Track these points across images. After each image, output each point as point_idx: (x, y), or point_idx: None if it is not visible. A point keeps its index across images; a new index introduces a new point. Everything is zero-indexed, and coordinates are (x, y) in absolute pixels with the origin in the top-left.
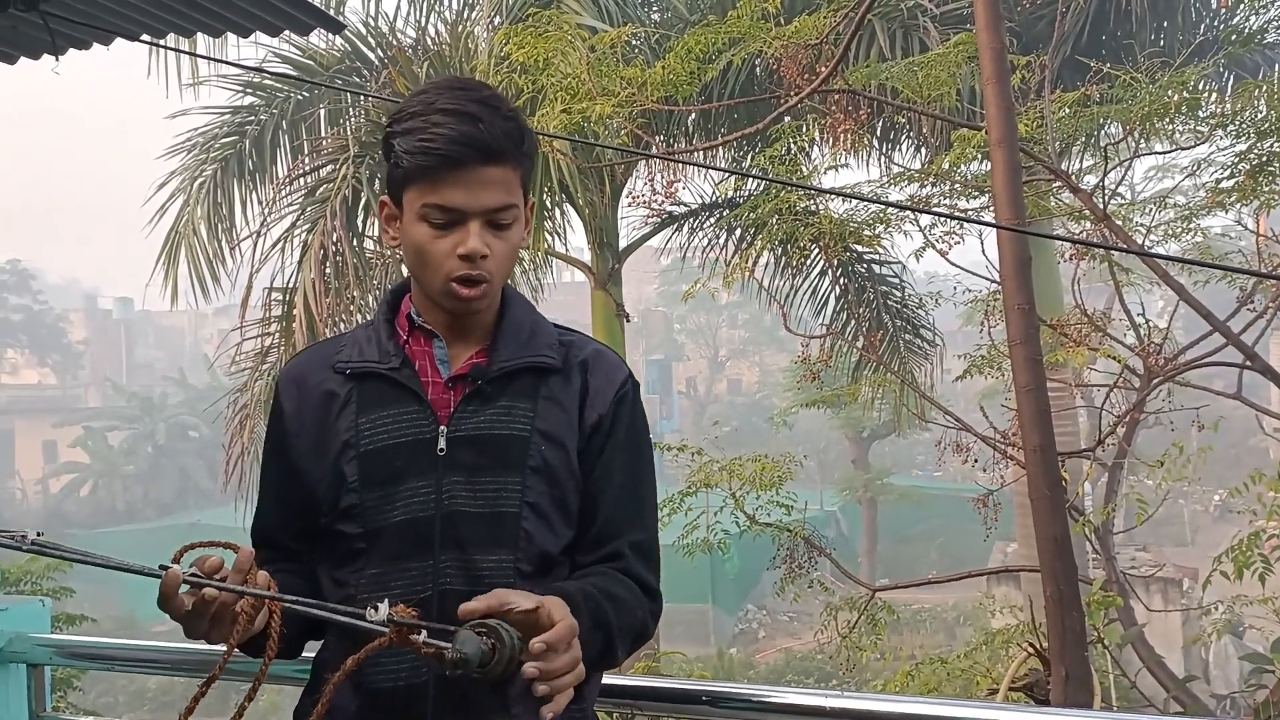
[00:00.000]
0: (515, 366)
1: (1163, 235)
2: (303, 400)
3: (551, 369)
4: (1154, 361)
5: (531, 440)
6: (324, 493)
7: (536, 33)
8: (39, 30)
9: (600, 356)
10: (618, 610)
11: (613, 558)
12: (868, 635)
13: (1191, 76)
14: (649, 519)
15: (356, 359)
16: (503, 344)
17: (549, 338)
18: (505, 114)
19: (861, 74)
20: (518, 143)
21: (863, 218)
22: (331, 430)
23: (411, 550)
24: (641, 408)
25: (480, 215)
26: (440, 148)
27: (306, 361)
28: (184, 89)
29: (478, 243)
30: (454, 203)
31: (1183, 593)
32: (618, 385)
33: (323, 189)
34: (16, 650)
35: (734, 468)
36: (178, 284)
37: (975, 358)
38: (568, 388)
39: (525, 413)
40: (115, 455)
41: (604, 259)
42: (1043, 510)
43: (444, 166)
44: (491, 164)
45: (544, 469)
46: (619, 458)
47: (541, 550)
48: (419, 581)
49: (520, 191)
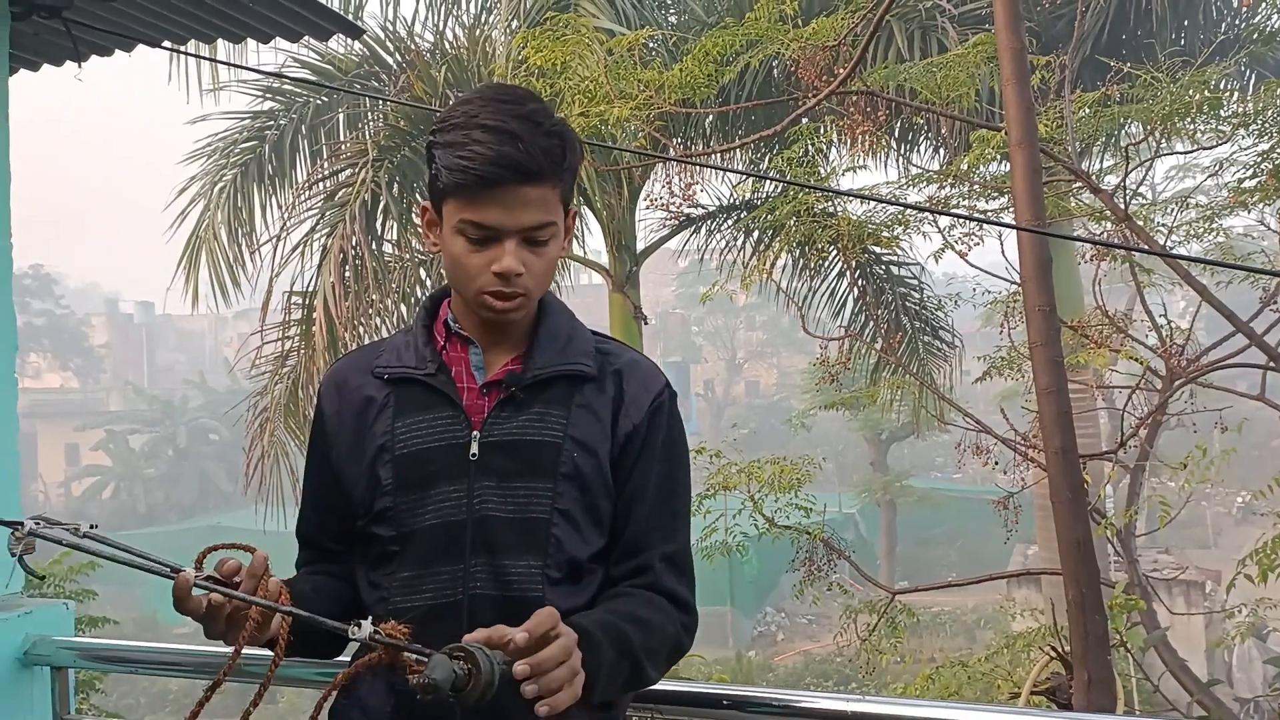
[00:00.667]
0: (550, 374)
1: (1184, 235)
2: (343, 404)
3: (586, 377)
4: (1176, 363)
5: (563, 447)
6: (360, 495)
7: (554, 36)
8: (61, 37)
9: (636, 365)
10: (645, 633)
11: (642, 571)
12: (887, 638)
13: (1213, 76)
14: (681, 530)
15: (395, 364)
16: (538, 351)
17: (585, 345)
18: (548, 130)
19: (879, 75)
20: (558, 160)
21: (881, 219)
22: (369, 434)
23: (442, 554)
24: (679, 418)
25: (517, 234)
26: (477, 168)
27: (347, 366)
28: (204, 94)
29: (513, 261)
30: (490, 221)
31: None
32: (654, 394)
33: (342, 193)
34: (41, 653)
35: (752, 470)
36: (198, 288)
37: (995, 359)
38: (601, 395)
39: (558, 419)
40: (136, 458)
41: (622, 261)
42: (1064, 513)
43: (481, 185)
44: (529, 184)
45: (575, 475)
46: (654, 468)
47: (571, 557)
48: (449, 585)
49: (559, 208)
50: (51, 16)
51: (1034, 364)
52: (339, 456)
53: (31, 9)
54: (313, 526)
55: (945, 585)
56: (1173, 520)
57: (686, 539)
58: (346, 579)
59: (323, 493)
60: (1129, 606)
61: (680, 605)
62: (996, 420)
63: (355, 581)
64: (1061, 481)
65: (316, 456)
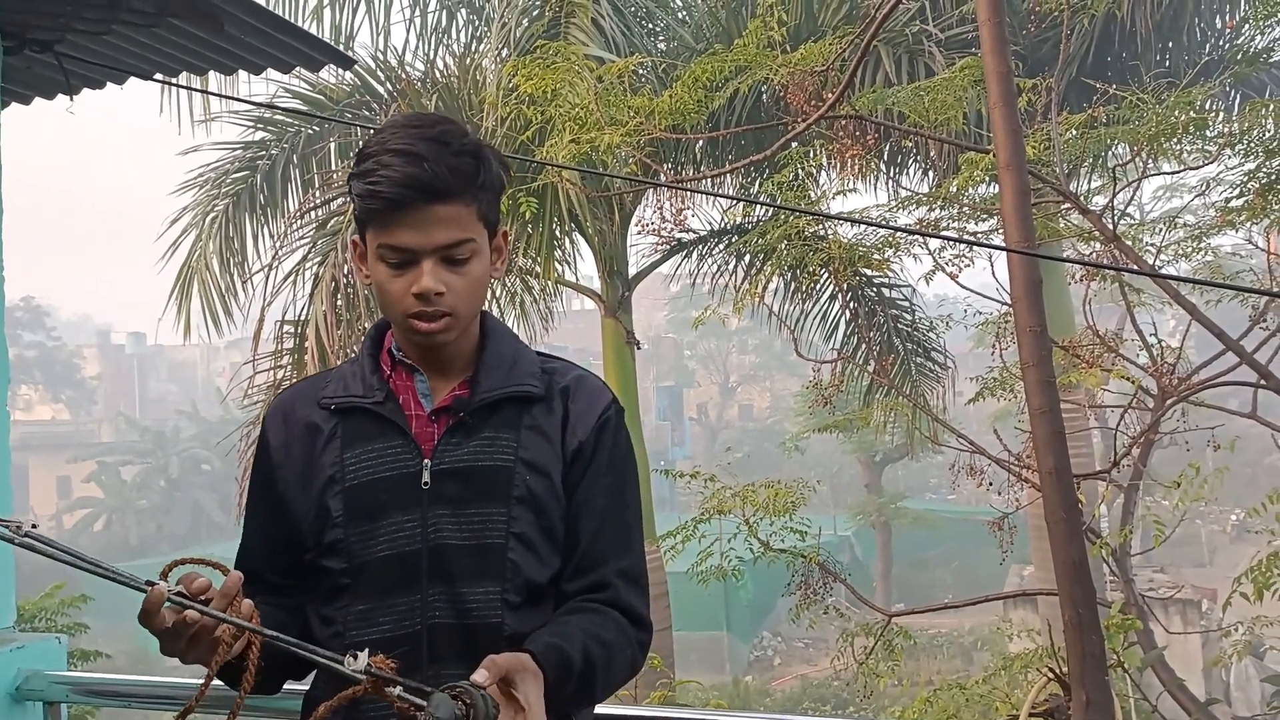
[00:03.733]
0: (497, 397)
1: (1173, 255)
2: (289, 434)
3: (534, 398)
4: (1167, 381)
5: (516, 470)
6: (308, 527)
7: (544, 64)
8: (54, 71)
9: (582, 382)
10: (608, 657)
11: (600, 587)
12: (884, 661)
13: (1198, 96)
14: (635, 543)
15: (341, 394)
16: (484, 375)
17: (531, 366)
18: (457, 149)
19: (868, 99)
20: (469, 178)
21: (872, 242)
22: (316, 465)
23: (398, 585)
24: (626, 433)
25: (432, 254)
26: (384, 190)
27: (293, 397)
28: (195, 125)
29: (430, 280)
30: (404, 243)
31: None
32: (600, 410)
33: (333, 222)
34: (33, 688)
35: (747, 494)
36: (190, 318)
37: (987, 380)
38: (550, 416)
39: (508, 443)
40: (128, 490)
41: (614, 287)
42: (1059, 533)
43: (390, 208)
44: (439, 202)
45: (529, 499)
46: (600, 482)
47: (529, 580)
48: (407, 616)
49: (479, 227)
50: (44, 50)
51: (1026, 384)
52: (286, 487)
53: (24, 43)
54: (258, 559)
55: (942, 607)
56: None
57: (640, 553)
58: (293, 612)
59: (269, 525)
60: (1126, 626)
61: (638, 623)
62: (990, 441)
63: (303, 616)
64: (1056, 502)
65: (261, 487)
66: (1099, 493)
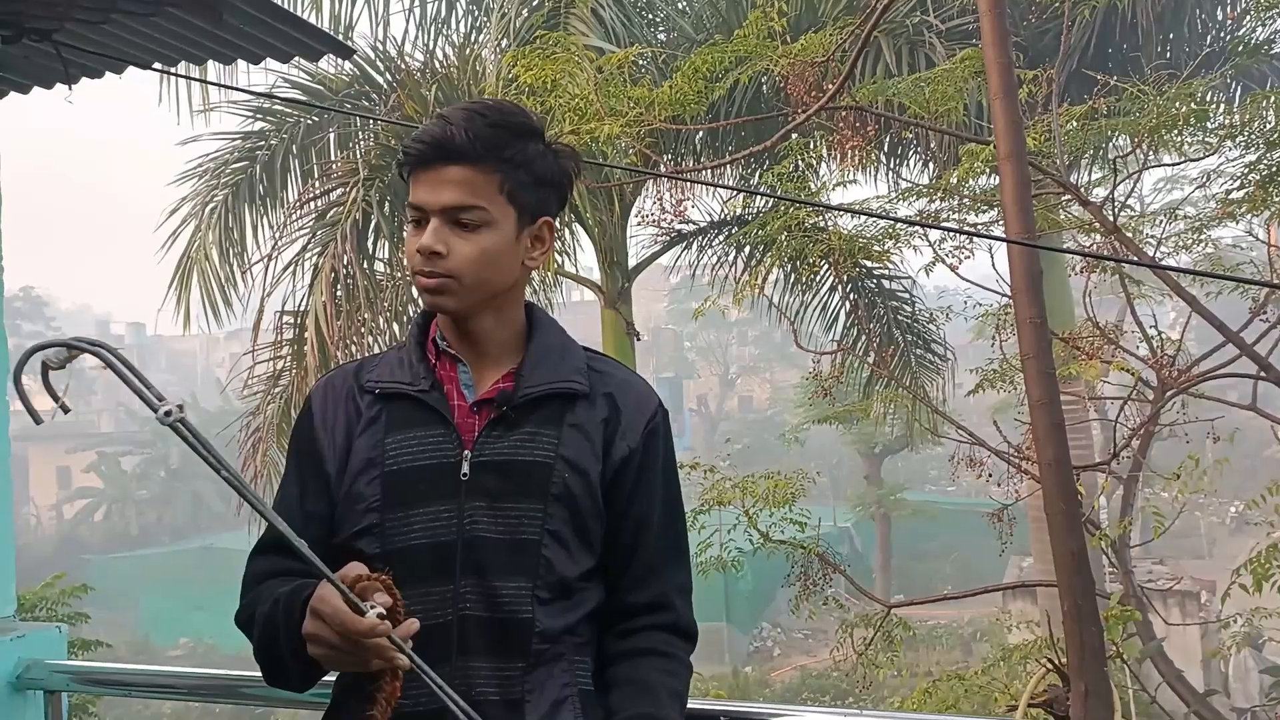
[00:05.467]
0: (541, 393)
1: (1173, 247)
2: (330, 410)
3: (578, 395)
4: (1167, 374)
5: (555, 468)
6: (341, 509)
7: (544, 55)
8: (52, 60)
9: (629, 386)
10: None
11: (662, 608)
12: (884, 652)
13: (1199, 88)
14: (685, 553)
15: (387, 379)
16: (529, 369)
17: (578, 362)
18: (492, 121)
19: (868, 90)
20: (493, 148)
21: (872, 233)
22: (354, 445)
23: (431, 574)
24: (670, 438)
25: (439, 213)
26: (410, 148)
27: (337, 375)
28: (195, 115)
29: (431, 238)
30: (418, 200)
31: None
32: (648, 417)
33: (333, 212)
34: (34, 677)
35: (746, 485)
36: (190, 309)
37: (987, 372)
38: (592, 415)
39: (550, 439)
40: (128, 480)
41: (614, 278)
42: (1059, 525)
43: (413, 166)
44: (452, 163)
45: (566, 497)
46: (658, 493)
47: (561, 577)
48: (439, 606)
49: (499, 198)
50: (42, 39)
51: (1026, 376)
52: (327, 461)
53: (22, 32)
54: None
55: (941, 598)
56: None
57: (689, 557)
58: None
59: (309, 497)
60: (1125, 617)
61: (689, 638)
62: (990, 433)
63: None
64: (1055, 493)
65: (304, 458)
66: (1098, 484)
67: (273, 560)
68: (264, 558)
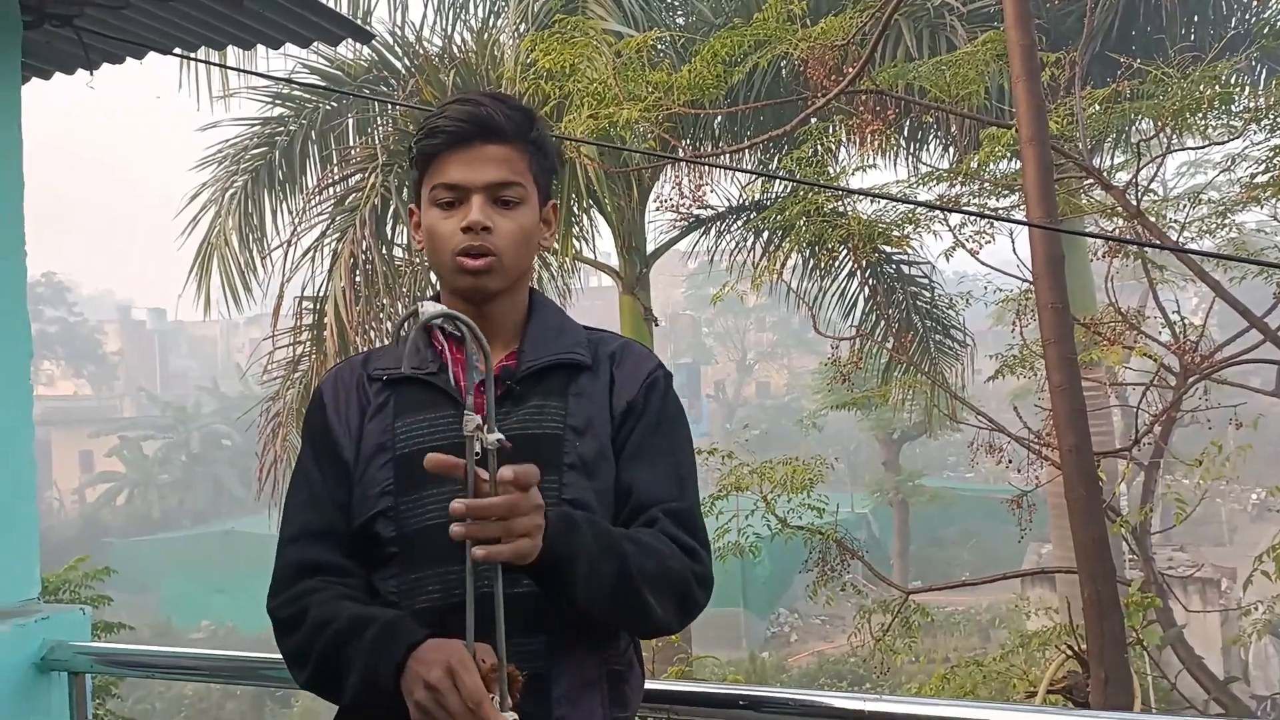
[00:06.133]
0: (543, 365)
1: (1197, 231)
2: (344, 397)
3: (581, 366)
4: (1190, 359)
5: (565, 437)
6: (357, 494)
7: (562, 39)
8: (73, 45)
9: (628, 348)
10: (639, 550)
11: (647, 523)
12: (901, 638)
13: (1223, 71)
14: (688, 494)
15: (393, 365)
16: (530, 346)
17: (577, 336)
18: (513, 105)
19: (888, 74)
20: (522, 128)
21: (891, 218)
22: (366, 431)
23: (450, 553)
24: (675, 397)
25: (483, 190)
26: (443, 125)
27: (344, 366)
28: (215, 101)
29: (479, 215)
30: (456, 179)
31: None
32: (646, 372)
33: (352, 198)
34: (58, 659)
35: (764, 471)
36: (210, 294)
37: (1007, 358)
38: (596, 381)
39: (557, 411)
40: (150, 464)
41: (632, 263)
42: (1079, 511)
43: (447, 144)
44: (493, 142)
45: (580, 465)
46: (649, 439)
47: None
48: (458, 585)
49: (529, 176)
50: (63, 25)
51: (1047, 361)
52: (342, 448)
53: (43, 17)
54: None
55: (959, 584)
56: (1188, 517)
57: (695, 502)
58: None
59: (334, 486)
60: (1145, 604)
61: (688, 551)
62: (1009, 419)
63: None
64: (1076, 479)
65: (322, 448)
66: (1119, 471)
67: (305, 549)
68: (297, 547)
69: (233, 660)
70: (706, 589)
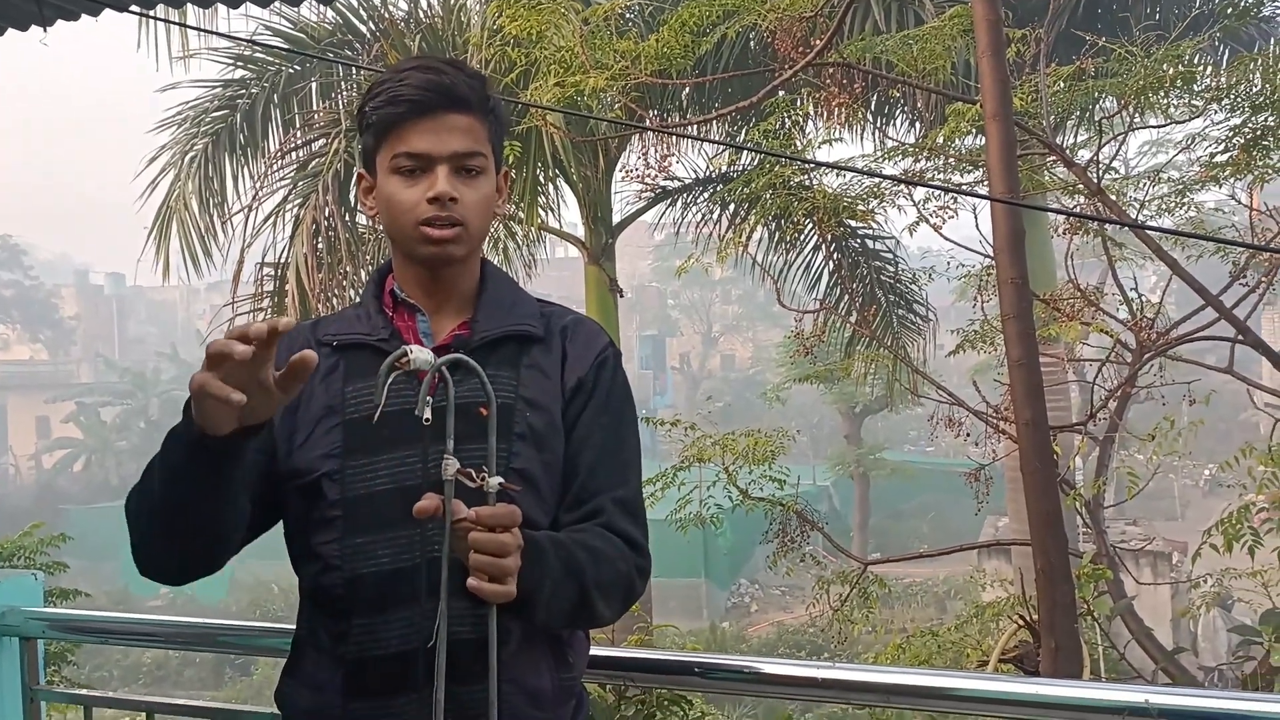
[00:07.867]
0: (496, 335)
1: (1156, 210)
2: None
3: (533, 337)
4: (1146, 336)
5: (516, 407)
6: (297, 456)
7: (529, 5)
8: (26, 2)
9: (580, 324)
10: (595, 562)
11: (594, 514)
12: (859, 609)
13: (1187, 50)
14: (632, 480)
15: (345, 331)
16: (483, 315)
17: (530, 308)
18: (471, 72)
19: (856, 47)
20: (483, 98)
21: (856, 192)
22: (312, 393)
23: (399, 518)
24: (623, 376)
25: (448, 160)
26: (407, 94)
27: (295, 331)
28: (174, 62)
29: (445, 185)
30: (421, 148)
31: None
32: (597, 350)
33: (314, 163)
34: (9, 623)
35: (727, 442)
36: (169, 259)
37: (968, 333)
38: (549, 355)
39: (508, 381)
40: (108, 431)
41: (597, 234)
42: (1034, 484)
43: (411, 113)
44: (457, 111)
45: (530, 435)
46: (599, 419)
47: (526, 516)
48: (406, 550)
49: (488, 145)
50: None
51: (1006, 336)
52: None
53: None
54: None
55: (917, 556)
56: (1141, 492)
57: (638, 488)
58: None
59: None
60: (1096, 576)
61: (633, 546)
62: (969, 393)
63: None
64: (1031, 453)
65: None
66: (1075, 445)
67: None
68: None
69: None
70: (646, 578)
